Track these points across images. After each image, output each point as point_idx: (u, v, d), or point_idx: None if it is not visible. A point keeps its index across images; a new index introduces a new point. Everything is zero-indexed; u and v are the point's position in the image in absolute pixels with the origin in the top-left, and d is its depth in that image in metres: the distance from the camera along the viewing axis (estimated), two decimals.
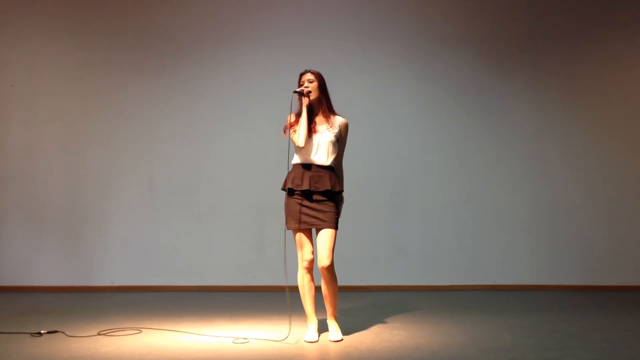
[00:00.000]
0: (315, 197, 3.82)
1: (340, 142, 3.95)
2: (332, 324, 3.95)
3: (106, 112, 6.25)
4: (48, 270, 6.14)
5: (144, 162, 6.22)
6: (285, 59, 6.11)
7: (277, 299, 5.31)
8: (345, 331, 4.09)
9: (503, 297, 5.60)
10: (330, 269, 3.83)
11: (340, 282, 5.72)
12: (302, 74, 3.93)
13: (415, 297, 5.65)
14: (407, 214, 6.16)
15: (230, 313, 4.85)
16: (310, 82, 3.88)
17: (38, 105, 6.26)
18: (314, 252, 3.89)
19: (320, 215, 3.82)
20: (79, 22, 6.28)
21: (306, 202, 3.83)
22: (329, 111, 3.93)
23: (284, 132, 3.95)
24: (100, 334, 4.02)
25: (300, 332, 4.06)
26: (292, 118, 3.92)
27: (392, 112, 6.20)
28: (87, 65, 6.26)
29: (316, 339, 3.86)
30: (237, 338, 3.91)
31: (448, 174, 6.17)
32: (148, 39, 6.26)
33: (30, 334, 4.01)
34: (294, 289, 4.08)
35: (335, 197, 3.89)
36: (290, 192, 3.87)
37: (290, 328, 4.02)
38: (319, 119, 3.91)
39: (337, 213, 3.89)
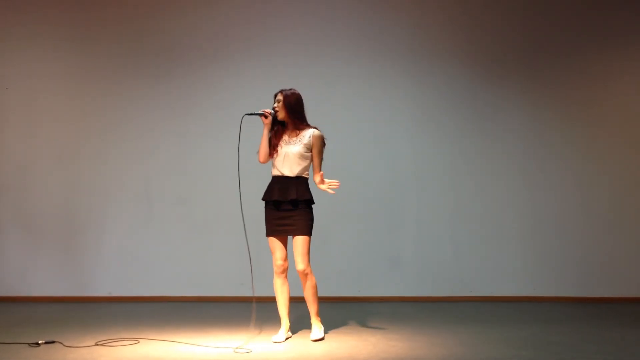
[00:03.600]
0: (284, 206, 4.16)
1: (314, 153, 4.20)
2: (315, 324, 4.23)
3: (103, 122, 6.27)
4: (45, 281, 6.13)
5: (141, 173, 6.23)
6: (283, 69, 6.14)
7: (275, 310, 5.31)
8: (342, 342, 4.12)
9: (499, 309, 5.61)
10: (306, 272, 4.14)
11: (336, 293, 5.72)
12: (275, 95, 4.28)
13: (411, 308, 5.66)
14: (403, 225, 6.18)
15: (227, 323, 4.86)
16: (279, 102, 4.23)
17: (34, 116, 6.27)
18: (286, 258, 4.22)
19: (291, 223, 4.14)
20: (77, 32, 6.31)
21: (277, 212, 4.18)
22: (296, 127, 4.21)
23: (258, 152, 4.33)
24: (97, 345, 4.02)
25: (297, 341, 4.09)
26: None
27: (387, 123, 6.23)
28: (85, 76, 6.29)
29: (282, 339, 4.14)
30: (237, 348, 3.92)
31: (443, 185, 6.20)
32: (145, 49, 6.29)
33: (28, 344, 4.01)
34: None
35: (303, 205, 4.16)
36: (267, 203, 4.25)
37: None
38: (290, 133, 4.24)
39: (308, 220, 4.16)
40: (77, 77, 6.30)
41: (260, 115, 4.23)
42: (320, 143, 4.21)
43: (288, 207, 4.14)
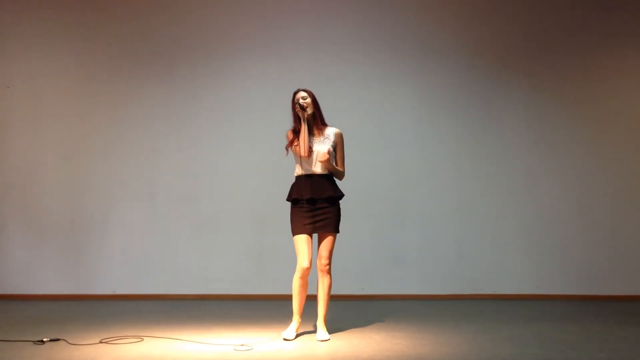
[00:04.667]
0: (319, 204, 4.16)
1: (337, 150, 4.27)
2: (321, 326, 4.21)
3: (107, 121, 6.29)
4: (49, 279, 6.15)
5: (145, 172, 6.24)
6: (286, 70, 6.16)
7: (277, 308, 5.32)
8: (347, 340, 4.13)
9: (503, 307, 5.61)
10: (328, 268, 4.20)
11: (340, 291, 5.73)
12: (295, 93, 4.25)
13: (415, 306, 5.66)
14: (407, 224, 6.18)
15: (231, 321, 4.87)
16: (304, 99, 4.19)
17: (39, 114, 6.29)
18: (311, 261, 4.16)
19: (324, 219, 4.16)
20: (81, 31, 6.33)
21: (311, 211, 4.15)
22: (322, 124, 4.28)
23: (287, 150, 4.26)
24: (102, 342, 4.03)
25: (302, 340, 4.09)
26: (291, 134, 4.24)
27: (391, 123, 6.24)
28: (89, 75, 6.31)
29: (292, 337, 4.15)
30: (237, 345, 3.93)
31: (447, 184, 6.19)
32: (150, 49, 6.30)
33: (33, 341, 4.03)
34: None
35: (337, 202, 4.24)
36: (295, 202, 4.19)
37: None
38: (315, 131, 4.25)
39: (339, 218, 4.25)
40: (81, 76, 6.32)
41: (301, 107, 4.15)
42: (343, 140, 4.31)
43: (324, 204, 4.17)
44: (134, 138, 6.26)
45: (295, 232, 4.18)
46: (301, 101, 4.17)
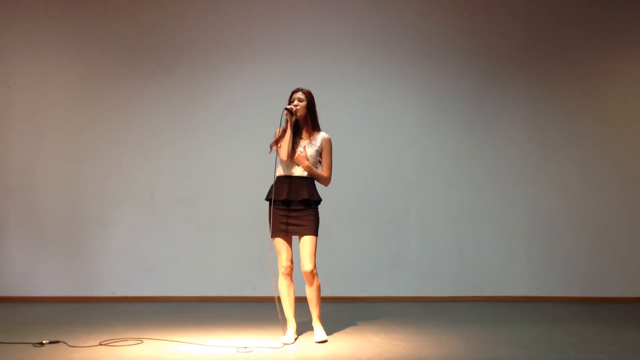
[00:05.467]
0: (294, 206, 4.12)
1: (323, 156, 4.20)
2: (317, 326, 4.19)
3: (107, 123, 6.28)
4: (49, 281, 6.15)
5: (145, 173, 6.24)
6: (285, 70, 6.16)
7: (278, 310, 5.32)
8: (346, 342, 4.12)
9: (502, 308, 5.61)
10: (313, 273, 4.11)
11: (340, 293, 5.73)
12: (293, 92, 4.20)
13: (415, 308, 5.66)
14: (406, 226, 6.18)
15: (231, 323, 4.87)
16: (300, 101, 4.15)
17: (39, 116, 6.29)
18: (292, 260, 4.18)
19: (300, 223, 4.11)
20: (81, 31, 6.32)
21: (286, 212, 4.12)
22: (313, 129, 4.21)
23: (270, 148, 4.23)
24: (101, 344, 4.04)
25: (300, 342, 4.09)
26: (279, 133, 4.20)
27: (391, 123, 6.24)
28: (89, 77, 6.31)
29: (292, 340, 4.10)
30: (240, 347, 3.93)
31: (447, 186, 6.19)
32: (149, 50, 6.30)
33: (32, 344, 4.03)
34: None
35: (313, 205, 4.16)
36: (272, 203, 4.14)
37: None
38: (303, 134, 4.21)
39: (317, 221, 4.16)
40: (81, 76, 6.32)
41: (289, 111, 4.11)
42: (331, 146, 4.22)
43: (299, 207, 4.11)
44: (134, 139, 6.26)
45: (272, 235, 4.17)
46: (296, 102, 4.15)
